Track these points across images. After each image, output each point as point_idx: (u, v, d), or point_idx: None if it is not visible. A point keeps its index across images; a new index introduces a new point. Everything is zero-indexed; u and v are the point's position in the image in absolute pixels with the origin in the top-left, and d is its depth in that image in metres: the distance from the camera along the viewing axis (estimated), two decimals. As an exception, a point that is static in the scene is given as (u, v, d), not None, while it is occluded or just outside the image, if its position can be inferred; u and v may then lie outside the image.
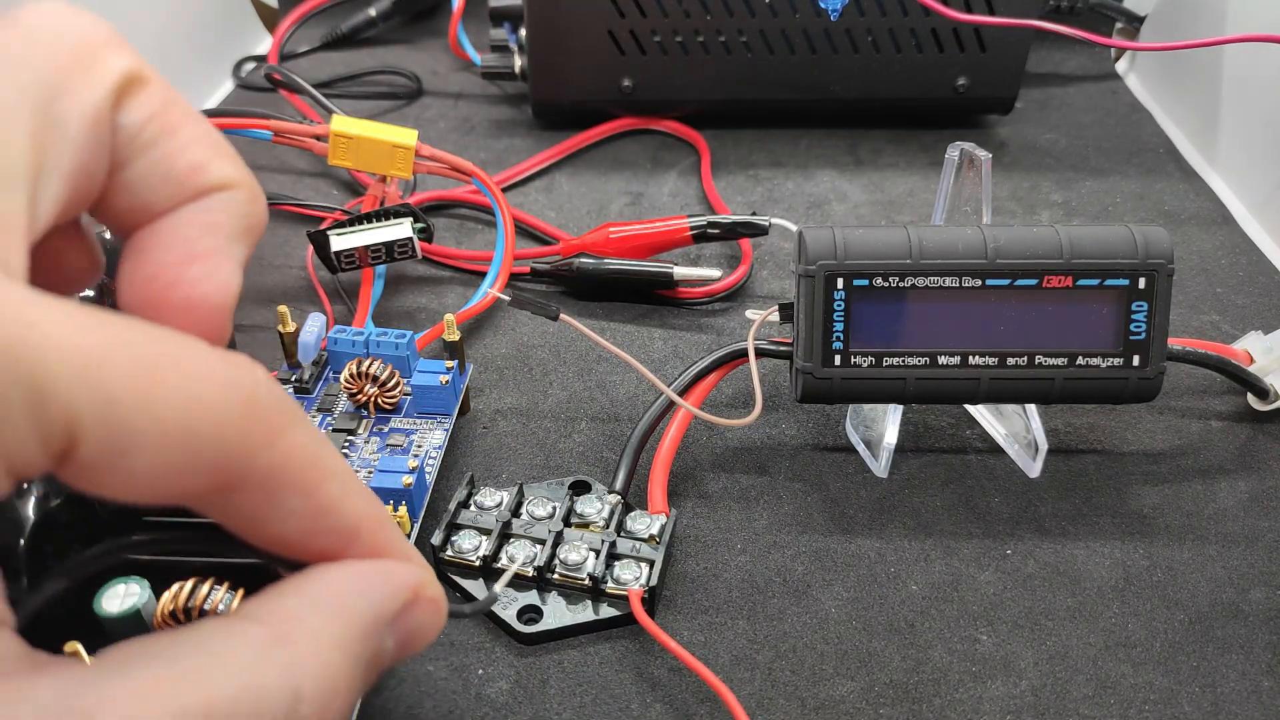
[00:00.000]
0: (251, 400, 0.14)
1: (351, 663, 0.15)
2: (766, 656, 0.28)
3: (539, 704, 0.26)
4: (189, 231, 0.16)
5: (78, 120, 0.14)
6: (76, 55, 0.15)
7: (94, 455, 0.12)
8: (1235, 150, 0.50)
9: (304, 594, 0.15)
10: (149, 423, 0.12)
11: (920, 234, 0.30)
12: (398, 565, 0.16)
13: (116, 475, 0.13)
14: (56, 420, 0.12)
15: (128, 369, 0.12)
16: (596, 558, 0.28)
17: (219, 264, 0.16)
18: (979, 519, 0.32)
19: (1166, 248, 0.30)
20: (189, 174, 0.16)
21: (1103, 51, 0.62)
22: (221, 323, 0.16)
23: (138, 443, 0.12)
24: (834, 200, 0.49)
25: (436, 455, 0.32)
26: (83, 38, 0.15)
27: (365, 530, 0.16)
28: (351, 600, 0.15)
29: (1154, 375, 0.30)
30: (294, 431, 0.14)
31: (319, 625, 0.15)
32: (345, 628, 0.15)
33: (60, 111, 0.14)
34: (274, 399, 0.14)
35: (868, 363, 0.30)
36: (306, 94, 0.48)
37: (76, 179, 0.15)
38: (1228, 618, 0.29)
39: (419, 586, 0.17)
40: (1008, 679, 0.27)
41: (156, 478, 0.13)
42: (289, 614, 0.15)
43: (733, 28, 0.50)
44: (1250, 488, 0.33)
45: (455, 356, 0.34)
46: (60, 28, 0.15)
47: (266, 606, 0.15)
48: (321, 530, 0.15)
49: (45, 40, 0.14)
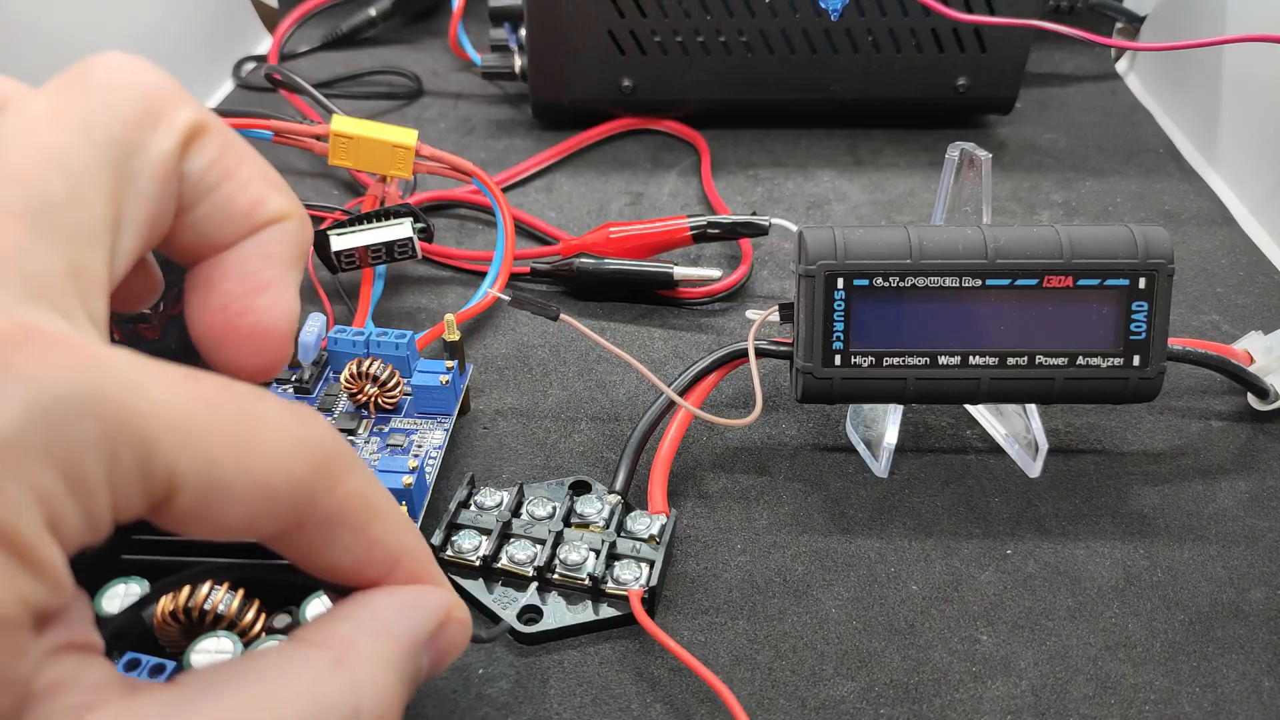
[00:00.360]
0: (319, 454, 0.15)
1: (400, 681, 0.17)
2: (766, 656, 0.28)
3: (539, 704, 0.26)
4: (251, 264, 0.17)
5: (150, 174, 0.15)
6: (147, 110, 0.15)
7: (188, 505, 0.14)
8: (1235, 150, 0.50)
9: (357, 619, 0.17)
10: (239, 480, 0.14)
11: (920, 234, 0.30)
12: (433, 590, 0.18)
13: (204, 522, 0.14)
14: (160, 477, 0.13)
15: (223, 433, 0.14)
16: (596, 558, 0.28)
17: (281, 292, 0.17)
18: (979, 519, 0.32)
19: (1167, 248, 0.30)
20: (248, 211, 0.17)
21: (1103, 51, 0.62)
22: (287, 346, 0.18)
23: (228, 496, 0.14)
24: (834, 200, 0.49)
25: (436, 455, 0.32)
26: (150, 92, 0.16)
27: (405, 559, 0.17)
28: (398, 623, 0.17)
29: (1154, 375, 0.30)
30: (351, 477, 0.16)
31: (372, 647, 0.16)
32: (394, 649, 0.17)
33: (134, 167, 0.15)
34: (336, 449, 0.16)
35: (868, 363, 0.30)
36: (306, 94, 0.48)
37: (149, 228, 0.16)
38: (1228, 618, 0.29)
39: (451, 609, 0.18)
40: (1008, 679, 0.27)
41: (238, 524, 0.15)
42: (346, 637, 0.16)
43: (733, 28, 0.50)
44: (1250, 488, 0.33)
45: (455, 356, 0.34)
46: (129, 84, 0.15)
47: (324, 631, 0.16)
48: (369, 561, 0.17)
49: (117, 97, 0.15)
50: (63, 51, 0.46)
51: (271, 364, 0.18)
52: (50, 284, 0.14)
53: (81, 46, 0.47)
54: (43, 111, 0.15)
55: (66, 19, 0.46)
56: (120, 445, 0.13)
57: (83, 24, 0.47)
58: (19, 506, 0.12)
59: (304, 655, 0.16)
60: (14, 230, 0.13)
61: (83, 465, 0.12)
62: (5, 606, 0.12)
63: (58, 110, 0.15)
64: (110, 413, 0.13)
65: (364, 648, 0.16)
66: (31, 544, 0.12)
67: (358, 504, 0.16)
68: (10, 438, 0.12)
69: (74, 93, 0.15)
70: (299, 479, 0.15)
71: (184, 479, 0.13)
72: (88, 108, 0.15)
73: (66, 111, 0.15)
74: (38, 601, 0.13)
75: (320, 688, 0.15)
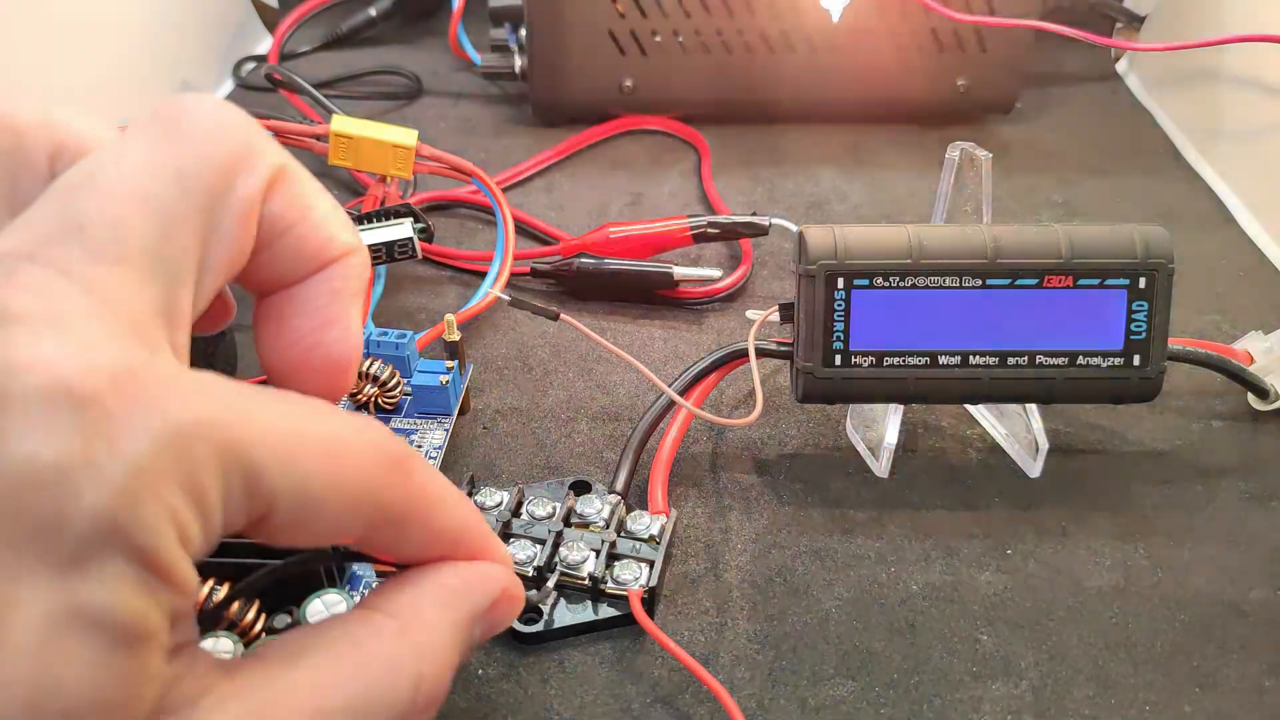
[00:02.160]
0: (390, 458, 0.17)
1: (456, 649, 0.18)
2: (766, 656, 0.28)
3: (539, 704, 0.26)
4: (320, 300, 0.18)
5: (235, 217, 0.16)
6: (234, 157, 0.16)
7: (285, 519, 0.15)
8: (1235, 150, 0.50)
9: (420, 588, 0.18)
10: (330, 492, 0.15)
11: (921, 233, 0.30)
12: (492, 567, 0.19)
13: (298, 533, 0.16)
14: (263, 495, 0.14)
15: (314, 451, 0.15)
16: (596, 558, 0.28)
17: (347, 326, 0.19)
18: (979, 519, 0.32)
19: (1167, 247, 0.30)
20: (320, 249, 0.18)
21: (1103, 51, 0.62)
22: (351, 375, 0.19)
23: (321, 509, 0.15)
24: (834, 200, 0.49)
25: (436, 455, 0.32)
26: (238, 138, 0.17)
27: (466, 539, 0.19)
28: (458, 595, 0.18)
29: (1155, 375, 0.30)
30: (416, 474, 0.17)
31: (435, 617, 0.18)
32: (454, 618, 0.18)
33: (221, 210, 0.16)
34: (403, 451, 0.17)
35: (868, 362, 0.30)
36: (306, 94, 0.48)
37: (230, 266, 0.17)
38: (1228, 618, 0.29)
39: (506, 584, 0.20)
40: (1008, 679, 0.27)
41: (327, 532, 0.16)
42: (410, 606, 0.18)
43: (733, 28, 0.50)
44: (1250, 488, 0.33)
45: (455, 356, 0.34)
46: (219, 130, 0.16)
47: (389, 599, 0.18)
48: (435, 544, 0.18)
49: (209, 144, 0.16)
50: (63, 51, 0.46)
51: (338, 392, 0.19)
52: (145, 322, 0.15)
53: (82, 46, 0.47)
54: (140, 159, 0.16)
55: (67, 19, 0.46)
56: (230, 466, 0.14)
57: (83, 24, 0.47)
58: (157, 526, 0.13)
59: (374, 623, 0.17)
60: (116, 274, 0.14)
61: (203, 486, 0.14)
62: (150, 618, 0.13)
63: (153, 156, 0.16)
64: (221, 437, 0.14)
65: (428, 617, 0.18)
66: (168, 559, 0.13)
67: (423, 497, 0.17)
68: (145, 465, 0.13)
69: (168, 139, 0.16)
70: (378, 484, 0.16)
71: (282, 496, 0.15)
72: (180, 154, 0.16)
73: (161, 157, 0.16)
74: (174, 611, 0.14)
75: (389, 654, 0.17)
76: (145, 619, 0.13)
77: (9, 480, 0.12)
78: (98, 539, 0.13)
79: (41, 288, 0.14)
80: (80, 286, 0.14)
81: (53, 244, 0.14)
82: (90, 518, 0.12)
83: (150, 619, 0.13)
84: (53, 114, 0.17)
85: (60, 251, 0.14)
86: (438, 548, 0.18)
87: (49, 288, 0.14)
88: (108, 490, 0.13)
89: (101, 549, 0.13)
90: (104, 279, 0.14)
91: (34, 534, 0.12)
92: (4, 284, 0.14)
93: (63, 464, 0.12)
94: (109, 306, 0.14)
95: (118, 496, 0.13)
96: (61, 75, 0.45)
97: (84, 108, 0.18)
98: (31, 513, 0.12)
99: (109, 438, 0.13)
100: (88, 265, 0.14)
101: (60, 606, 0.12)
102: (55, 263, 0.14)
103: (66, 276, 0.14)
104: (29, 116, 0.17)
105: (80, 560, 0.13)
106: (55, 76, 0.45)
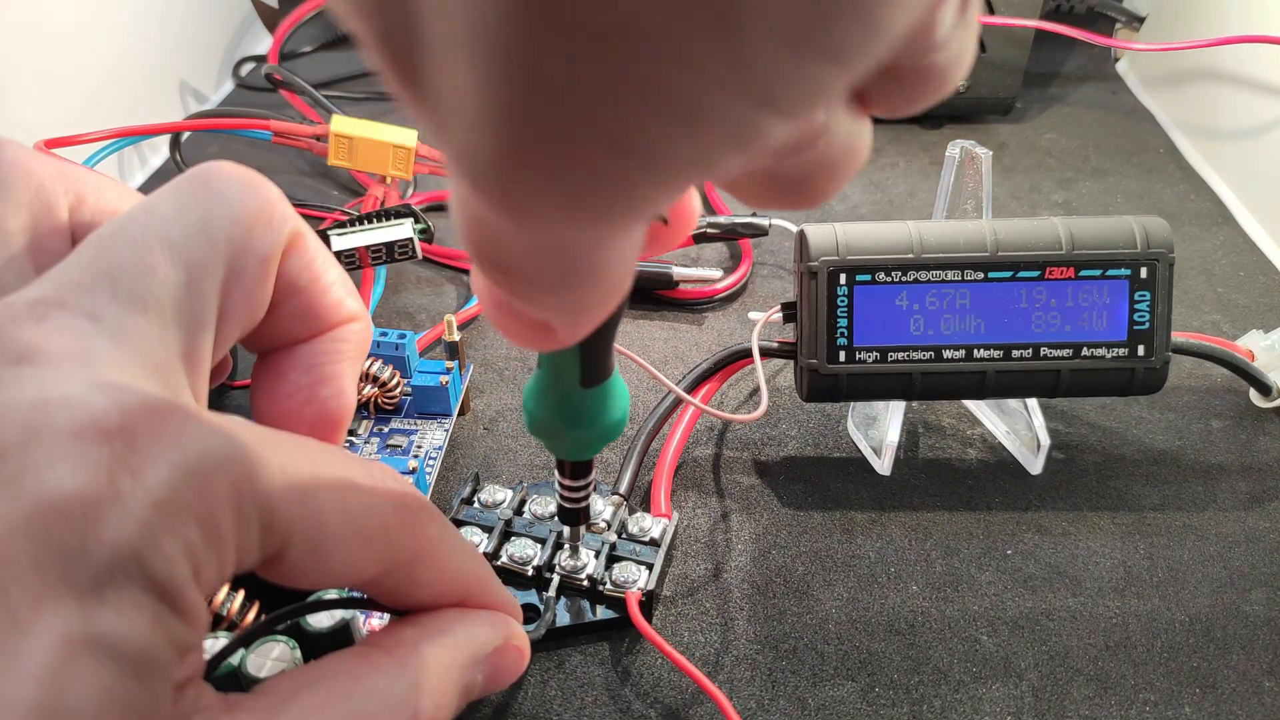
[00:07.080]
0: (402, 505, 0.17)
1: (455, 690, 0.18)
2: (767, 656, 0.28)
3: (539, 704, 0.26)
4: (320, 359, 0.19)
5: (255, 271, 0.17)
6: (257, 217, 0.17)
7: (297, 559, 0.15)
8: (1235, 150, 0.50)
9: (422, 629, 0.18)
10: (343, 534, 0.16)
11: (921, 228, 0.30)
12: (495, 615, 0.20)
13: (311, 573, 0.16)
14: (278, 533, 0.15)
15: (328, 493, 0.15)
16: (597, 559, 0.28)
17: (343, 386, 0.19)
18: (979, 519, 0.32)
19: (1167, 237, 0.30)
20: (327, 312, 0.19)
21: (1103, 51, 0.62)
22: (341, 433, 0.19)
23: (333, 550, 0.16)
24: (834, 200, 0.49)
25: (436, 456, 0.32)
26: (261, 196, 0.18)
27: (475, 589, 0.19)
28: (458, 637, 0.19)
29: (1160, 365, 0.30)
30: (429, 524, 0.17)
31: (433, 656, 0.18)
32: (454, 658, 0.18)
33: (243, 267, 0.17)
34: (416, 499, 0.17)
35: (873, 358, 0.30)
36: (306, 94, 0.48)
37: (247, 319, 0.18)
38: (1228, 618, 0.29)
39: (510, 635, 0.20)
40: (1008, 679, 0.27)
41: (339, 575, 0.16)
42: (410, 644, 0.18)
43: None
44: (1250, 488, 0.33)
45: (455, 357, 0.34)
46: (242, 188, 0.17)
47: (390, 637, 0.18)
48: (444, 593, 0.19)
49: (232, 199, 0.17)
50: (64, 51, 0.46)
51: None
52: (167, 365, 0.15)
53: (82, 46, 0.47)
54: (169, 211, 0.17)
55: (68, 19, 0.46)
56: (245, 504, 0.14)
57: (83, 23, 0.47)
58: (174, 559, 0.13)
59: (373, 660, 0.17)
60: (143, 320, 0.15)
61: (219, 521, 0.14)
62: (161, 649, 0.13)
63: (182, 209, 0.17)
64: (238, 474, 0.14)
65: (426, 654, 0.18)
66: (182, 592, 0.14)
67: (435, 546, 0.18)
68: (163, 497, 0.13)
69: (195, 194, 0.17)
70: (390, 530, 0.17)
71: (296, 536, 0.15)
72: (207, 208, 0.17)
73: (190, 210, 0.17)
74: (185, 643, 0.14)
75: (387, 690, 0.17)
76: (157, 649, 0.13)
77: (39, 508, 0.13)
78: (118, 568, 0.13)
79: (72, 331, 0.15)
80: (108, 330, 0.15)
81: (83, 291, 0.15)
82: (111, 547, 0.13)
83: (161, 650, 0.13)
84: (69, 168, 0.18)
85: (90, 298, 0.15)
86: (448, 596, 0.19)
87: (79, 331, 0.15)
88: (129, 522, 0.13)
89: (120, 578, 0.13)
90: (131, 324, 0.15)
91: (58, 559, 0.13)
92: (36, 327, 0.14)
93: (88, 495, 0.13)
94: (134, 349, 0.15)
95: (138, 528, 0.13)
96: (62, 75, 0.45)
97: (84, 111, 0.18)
98: (57, 539, 0.13)
99: (132, 471, 0.13)
100: (115, 310, 0.15)
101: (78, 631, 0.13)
102: (85, 308, 0.15)
103: (95, 321, 0.15)
104: (48, 168, 0.18)
105: (100, 588, 0.13)
106: (56, 76, 0.45)
